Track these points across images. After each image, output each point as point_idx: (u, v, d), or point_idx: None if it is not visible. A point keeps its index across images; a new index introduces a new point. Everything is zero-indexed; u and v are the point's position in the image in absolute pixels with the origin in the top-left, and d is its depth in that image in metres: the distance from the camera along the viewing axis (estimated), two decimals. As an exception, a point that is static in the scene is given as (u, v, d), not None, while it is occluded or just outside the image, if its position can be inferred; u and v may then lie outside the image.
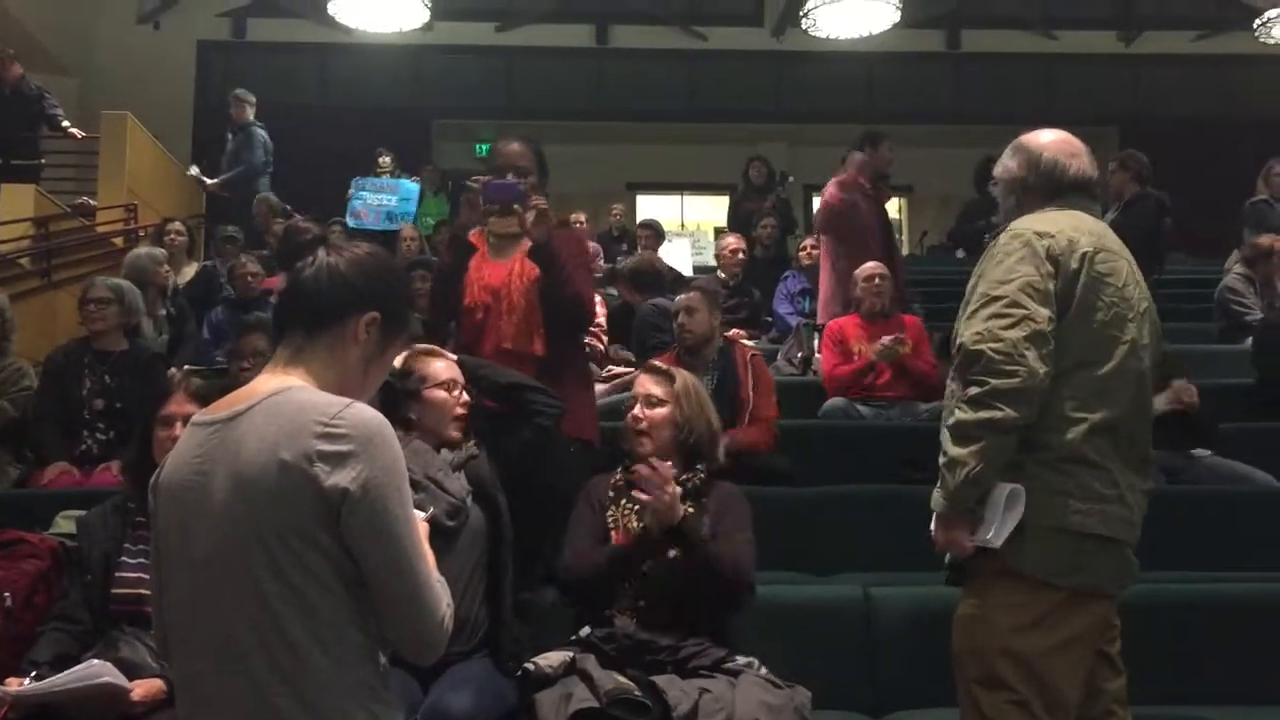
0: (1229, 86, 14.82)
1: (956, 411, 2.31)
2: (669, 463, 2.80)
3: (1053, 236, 2.39)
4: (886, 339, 5.17)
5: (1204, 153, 13.92)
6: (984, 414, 2.26)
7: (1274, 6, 10.23)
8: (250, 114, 9.71)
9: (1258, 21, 10.42)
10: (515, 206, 3.34)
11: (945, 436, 2.34)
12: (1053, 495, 2.31)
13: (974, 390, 2.28)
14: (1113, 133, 14.67)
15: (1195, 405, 4.66)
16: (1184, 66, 14.78)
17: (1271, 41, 10.63)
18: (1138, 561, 2.42)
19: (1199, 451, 4.67)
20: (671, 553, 2.74)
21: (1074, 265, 2.37)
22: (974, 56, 14.91)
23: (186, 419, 2.07)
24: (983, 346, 2.28)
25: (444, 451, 2.89)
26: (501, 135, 4.08)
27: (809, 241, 7.46)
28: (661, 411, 2.95)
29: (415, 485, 2.02)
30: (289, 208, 9.01)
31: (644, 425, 2.94)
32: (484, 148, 14.21)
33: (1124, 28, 14.82)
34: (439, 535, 2.44)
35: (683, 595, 2.74)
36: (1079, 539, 2.31)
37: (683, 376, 3.03)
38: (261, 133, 9.69)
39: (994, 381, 2.25)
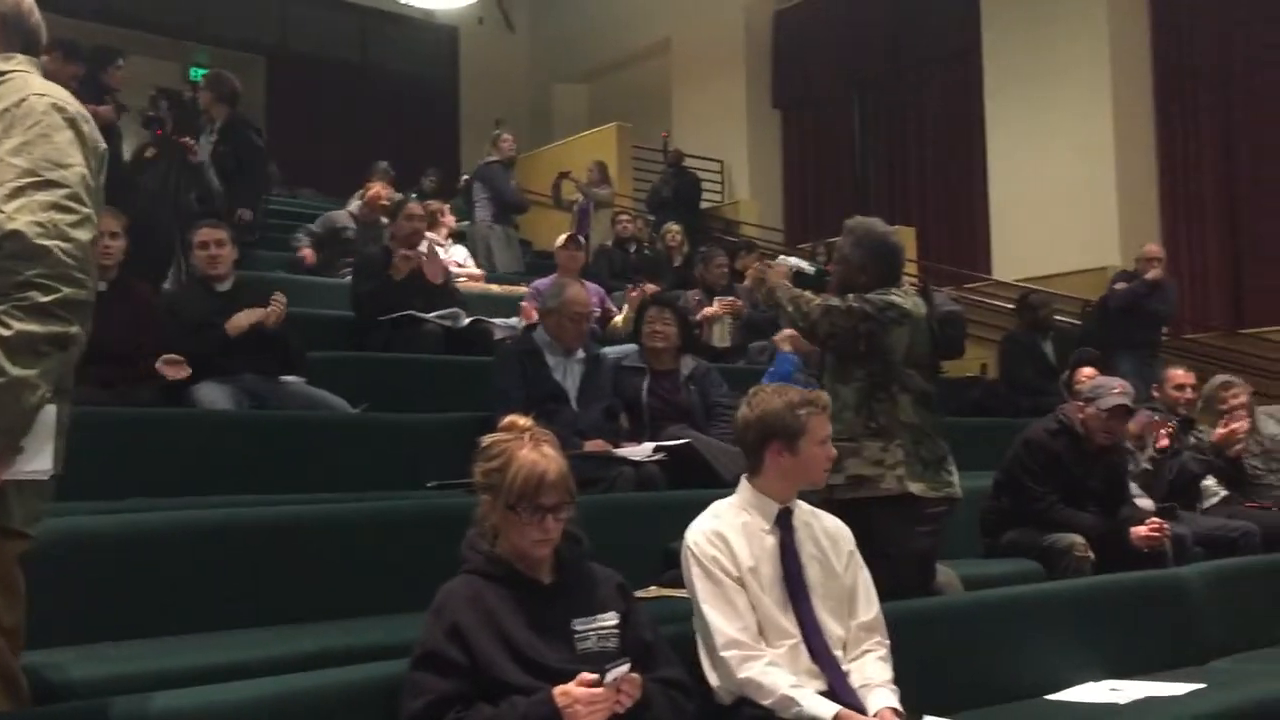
0: (366, 37, 15.76)
1: (13, 321, 1.88)
2: None
3: (89, 121, 2.12)
4: None
5: (342, 94, 14.67)
6: (56, 328, 1.90)
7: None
8: None
9: (393, -19, 11.11)
10: None
11: None
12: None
13: (40, 297, 1.89)
14: (260, 61, 14.80)
15: None
16: (328, 10, 15.37)
17: (403, 2, 11.42)
18: None
19: (287, 378, 4.82)
20: None
21: (97, 163, 2.11)
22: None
23: None
24: (50, 244, 1.91)
25: None
26: None
27: None
28: None
29: None
30: None
31: None
32: None
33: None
34: None
35: None
36: (47, 485, 2.06)
37: None
38: None
39: (66, 290, 1.90)
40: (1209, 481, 5.68)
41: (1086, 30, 10.26)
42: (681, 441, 4.50)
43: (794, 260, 4.41)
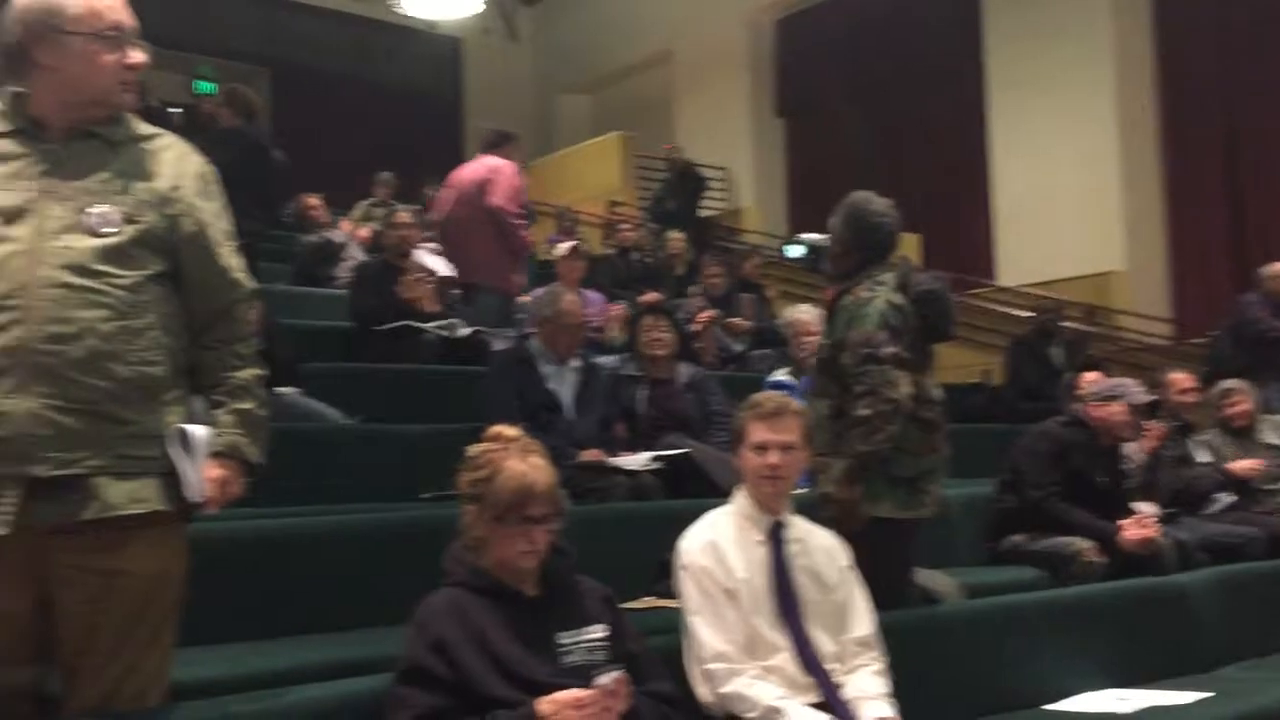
0: (370, 49, 15.75)
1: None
2: None
3: None
4: None
5: (346, 106, 14.66)
6: None
7: (408, -20, 11.01)
8: None
9: (393, -8, 11.14)
10: None
11: None
12: None
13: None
14: (265, 74, 14.81)
15: None
16: (332, 22, 15.36)
17: (401, 12, 11.42)
18: None
19: (281, 390, 4.79)
20: None
21: None
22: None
23: None
24: None
25: None
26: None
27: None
28: None
29: None
30: None
31: None
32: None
33: (280, -30, 14.97)
34: None
35: None
36: None
37: None
38: None
39: None
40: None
41: (1089, 36, 10.22)
42: (679, 452, 4.45)
43: (809, 235, 4.32)
